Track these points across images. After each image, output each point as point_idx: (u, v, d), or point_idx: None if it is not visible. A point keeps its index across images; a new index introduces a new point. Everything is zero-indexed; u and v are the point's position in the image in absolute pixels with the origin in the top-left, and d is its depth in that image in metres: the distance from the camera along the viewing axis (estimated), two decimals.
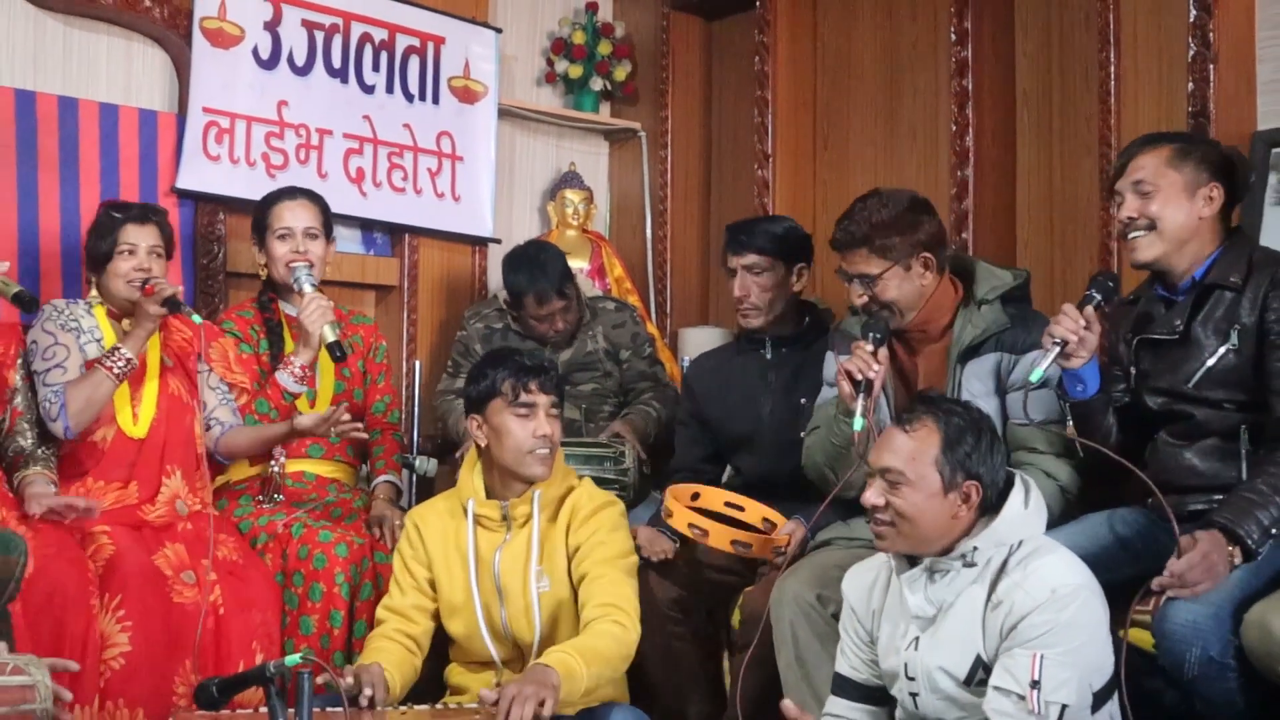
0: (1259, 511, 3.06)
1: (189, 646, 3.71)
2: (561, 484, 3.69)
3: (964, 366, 3.63)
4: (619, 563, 3.58)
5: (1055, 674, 2.70)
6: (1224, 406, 3.32)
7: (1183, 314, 3.37)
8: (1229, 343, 3.29)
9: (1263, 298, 3.25)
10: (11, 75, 4.69)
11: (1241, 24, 4.29)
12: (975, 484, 2.85)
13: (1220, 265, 3.35)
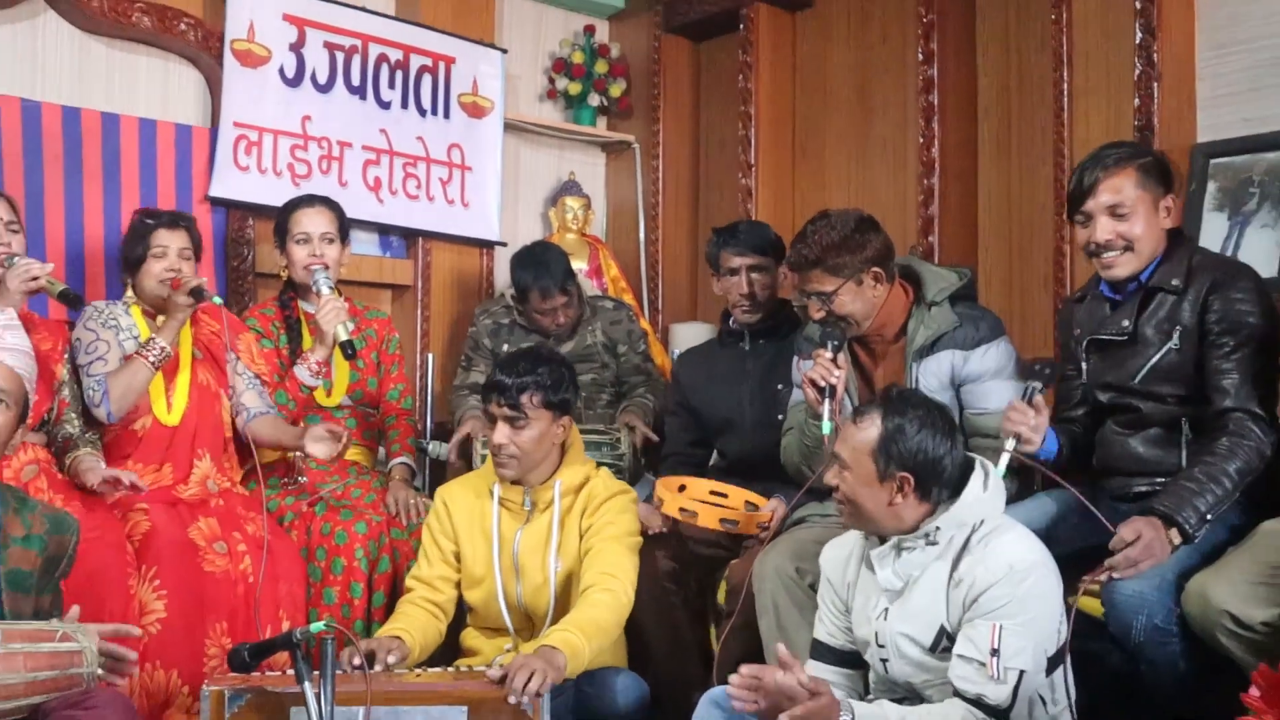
0: (1196, 499, 3.07)
1: (221, 612, 3.74)
2: (580, 473, 3.72)
3: (920, 365, 3.63)
4: (623, 539, 3.61)
5: (1013, 642, 2.70)
6: (1167, 400, 3.33)
7: (1129, 315, 3.37)
8: (1171, 342, 3.30)
9: (1202, 301, 3.25)
10: (59, 93, 4.70)
11: (1183, 46, 4.30)
12: (908, 476, 2.83)
13: (1163, 269, 3.34)
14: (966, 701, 2.72)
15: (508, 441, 3.58)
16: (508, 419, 3.57)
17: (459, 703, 3.13)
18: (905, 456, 2.83)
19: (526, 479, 3.66)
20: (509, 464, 3.62)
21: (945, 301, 3.66)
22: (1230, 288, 3.25)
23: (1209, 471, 3.11)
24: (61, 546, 3.10)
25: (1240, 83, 4.22)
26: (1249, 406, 3.16)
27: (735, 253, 4.31)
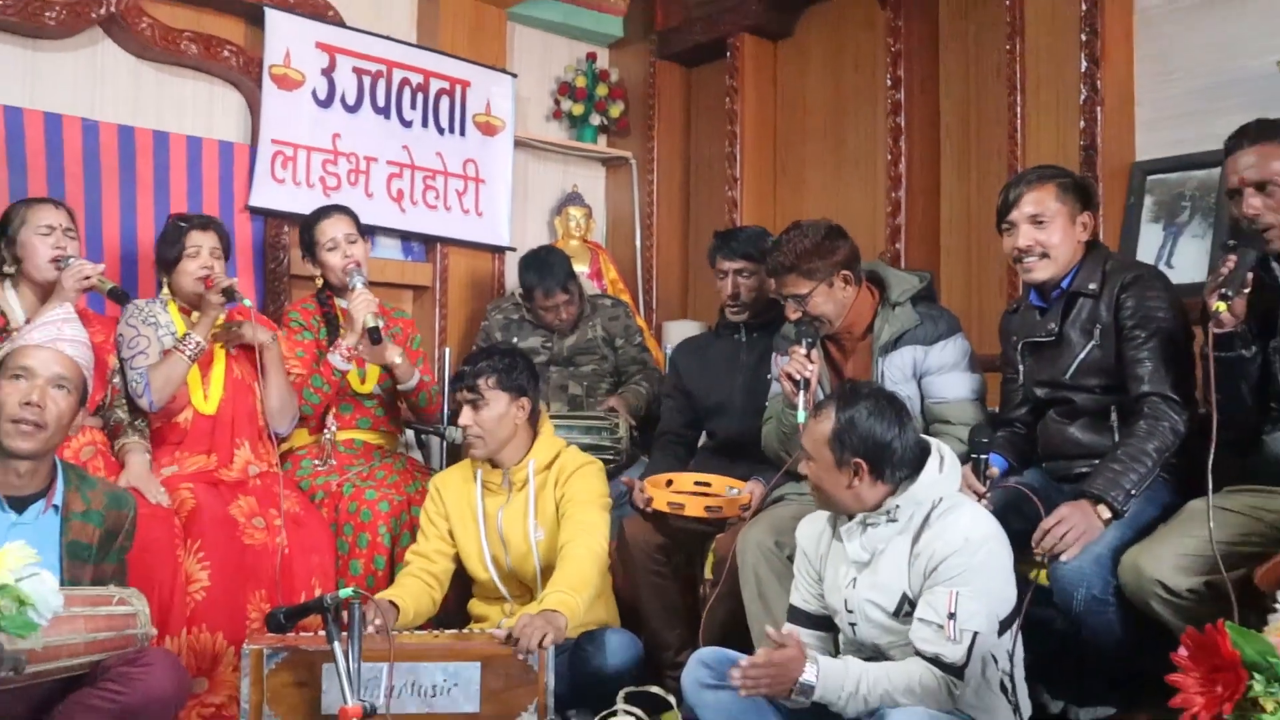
0: (1121, 479, 3.09)
1: (259, 580, 3.76)
2: (550, 451, 3.75)
3: (885, 359, 3.63)
4: (594, 500, 3.66)
5: (968, 607, 2.72)
6: (1095, 391, 3.35)
7: (1055, 319, 3.40)
8: (1093, 340, 3.33)
9: (1116, 300, 3.29)
10: (115, 113, 4.71)
11: (1123, 74, 4.31)
12: (861, 462, 2.85)
13: (1081, 275, 3.38)
14: (926, 660, 2.74)
15: (471, 423, 3.64)
16: (469, 401, 3.64)
17: (473, 659, 3.16)
18: (857, 444, 2.85)
19: (501, 461, 3.70)
20: (476, 443, 3.67)
21: (908, 302, 3.67)
22: (1139, 287, 3.29)
23: (1130, 452, 3.13)
24: (119, 521, 3.11)
25: (1174, 108, 4.23)
26: (1163, 390, 3.18)
27: (725, 257, 4.32)
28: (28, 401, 2.88)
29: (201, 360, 3.99)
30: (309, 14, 5.06)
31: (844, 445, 2.85)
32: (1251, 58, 4.02)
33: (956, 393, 3.59)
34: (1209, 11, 4.17)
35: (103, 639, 2.77)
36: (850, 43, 5.35)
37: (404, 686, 3.12)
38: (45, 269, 3.78)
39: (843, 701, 2.72)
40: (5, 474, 2.93)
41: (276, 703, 3.08)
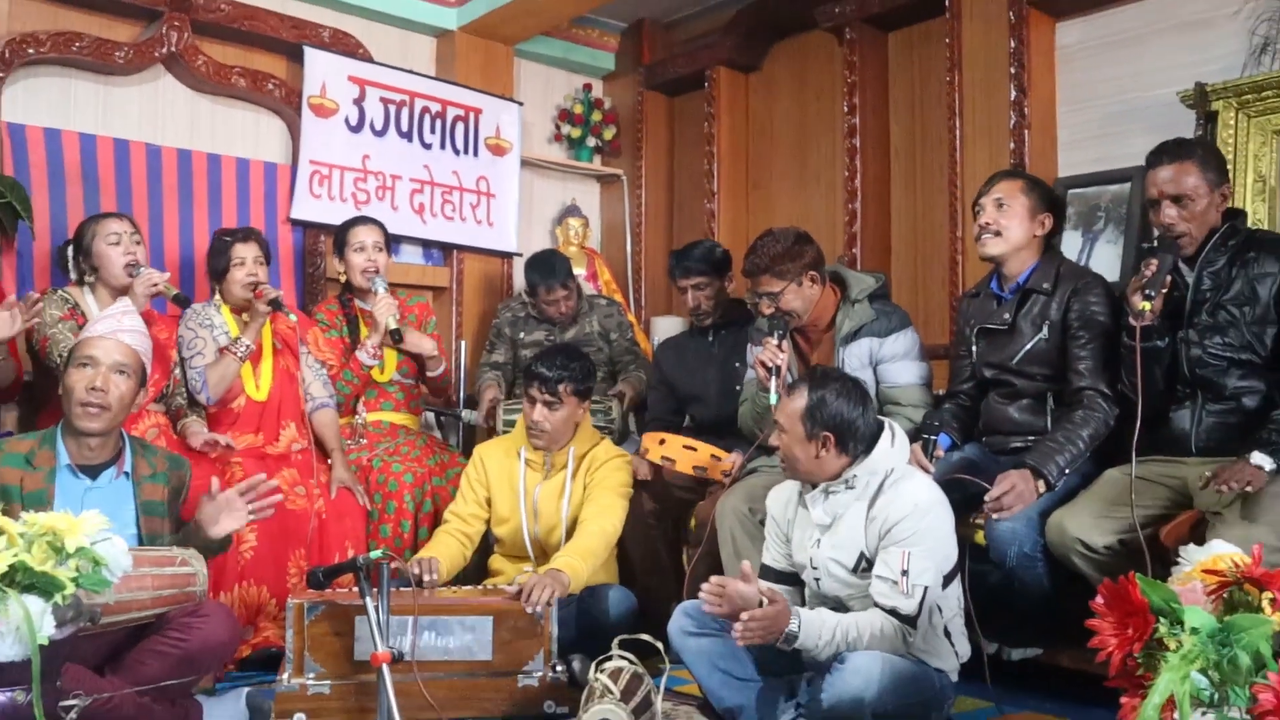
0: (1057, 456, 3.13)
1: (300, 542, 3.78)
2: (589, 442, 3.77)
3: (845, 349, 3.65)
4: (616, 488, 3.68)
5: (918, 564, 2.74)
6: (1036, 378, 3.37)
7: (1010, 310, 3.42)
8: (1041, 333, 3.35)
9: (1066, 302, 3.31)
10: (175, 139, 4.71)
11: (1047, 103, 4.33)
12: (830, 435, 2.86)
13: (1037, 274, 3.40)
14: (884, 611, 2.76)
15: (543, 420, 3.63)
16: (546, 403, 3.63)
17: (486, 613, 3.16)
18: (826, 419, 2.86)
19: (549, 447, 3.71)
20: (542, 437, 3.67)
21: (865, 300, 3.68)
22: (1087, 292, 3.31)
23: (1067, 435, 3.17)
24: (180, 480, 3.13)
25: (1090, 131, 4.25)
26: (1099, 386, 3.21)
27: (682, 274, 4.33)
28: (93, 386, 2.89)
29: (254, 354, 4.01)
30: (342, 51, 5.05)
31: (815, 420, 2.86)
32: (1154, 89, 4.05)
33: (907, 379, 3.61)
34: (1118, 50, 4.19)
35: (167, 595, 2.77)
36: (812, 75, 5.35)
37: (427, 636, 3.12)
38: (119, 274, 3.79)
39: (819, 647, 2.72)
40: (78, 447, 2.94)
41: (316, 649, 3.07)
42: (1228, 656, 1.73)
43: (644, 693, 2.80)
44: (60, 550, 2.20)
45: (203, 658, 2.84)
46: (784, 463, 2.98)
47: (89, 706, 2.55)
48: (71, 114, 4.48)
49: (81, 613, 2.24)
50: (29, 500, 2.75)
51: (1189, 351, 3.07)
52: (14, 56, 4.23)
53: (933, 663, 2.80)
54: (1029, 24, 4.28)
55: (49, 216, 4.29)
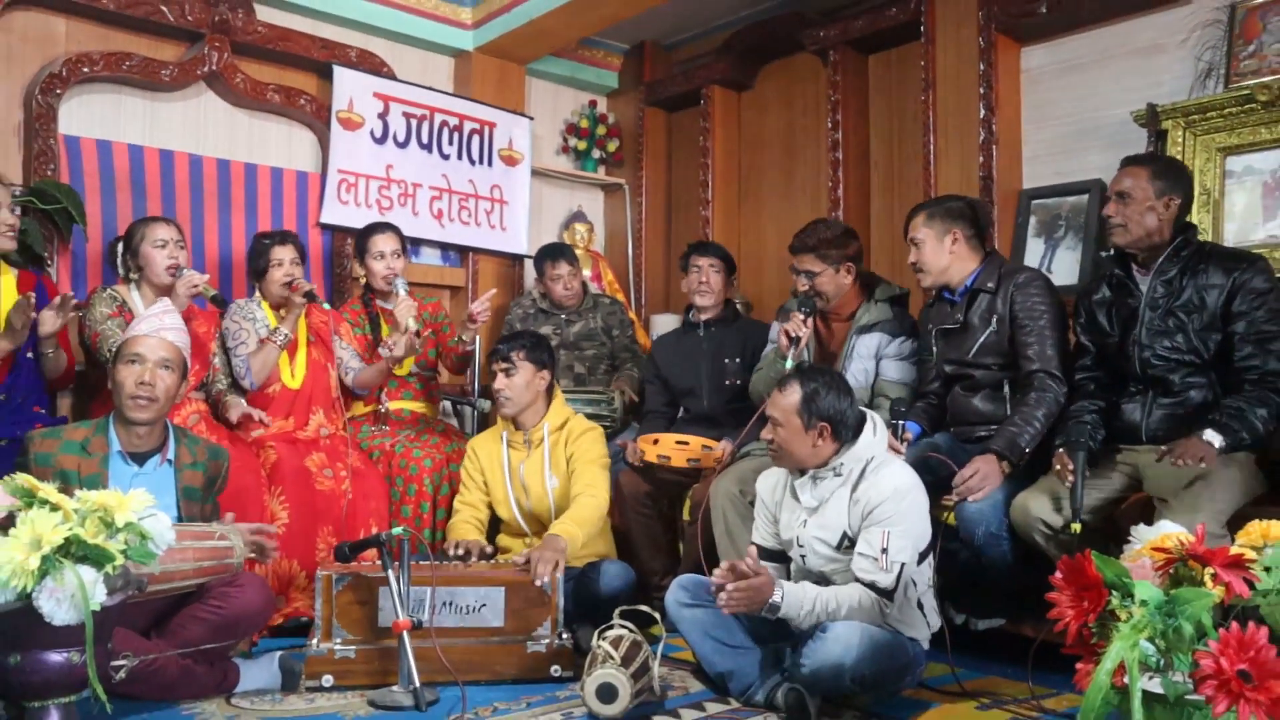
0: (1018, 438, 3.16)
1: (328, 519, 3.79)
2: (561, 417, 3.78)
3: (859, 338, 3.70)
4: (596, 460, 3.68)
5: (896, 543, 2.75)
6: (992, 368, 3.40)
7: (961, 310, 3.47)
8: (990, 328, 3.39)
9: (1010, 298, 3.36)
10: (215, 150, 4.72)
11: (1013, 120, 4.34)
12: (826, 424, 2.88)
13: (982, 277, 3.45)
14: (864, 585, 2.77)
15: (504, 386, 3.68)
16: (503, 370, 3.67)
17: (499, 584, 3.18)
18: (822, 411, 2.87)
19: (523, 423, 3.73)
20: (506, 403, 3.70)
21: (886, 301, 3.76)
22: (1026, 287, 3.36)
23: (1024, 417, 3.20)
24: (218, 469, 3.15)
25: (1053, 146, 4.26)
26: (1049, 369, 3.25)
27: (700, 254, 4.36)
28: (141, 381, 2.91)
29: (290, 346, 4.03)
30: (368, 70, 5.06)
31: (811, 412, 2.87)
32: (1110, 108, 4.06)
33: (900, 377, 3.68)
34: (1078, 73, 4.20)
35: (207, 566, 2.79)
36: (799, 93, 5.36)
37: (444, 605, 3.13)
38: (162, 275, 3.80)
39: (800, 617, 2.74)
40: (128, 436, 2.96)
41: (343, 617, 3.08)
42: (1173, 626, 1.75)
43: (643, 659, 2.81)
44: (110, 525, 2.22)
45: (239, 624, 2.87)
46: (776, 454, 2.97)
47: (136, 667, 2.57)
48: (121, 127, 4.48)
49: (130, 582, 2.25)
50: (85, 483, 2.76)
51: (1140, 352, 3.08)
52: (70, 75, 4.24)
53: (907, 632, 2.82)
54: (997, 49, 4.29)
55: (100, 221, 4.31)
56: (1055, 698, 2.88)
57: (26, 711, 2.25)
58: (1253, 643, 1.64)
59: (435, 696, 2.87)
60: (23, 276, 3.64)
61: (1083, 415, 3.13)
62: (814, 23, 5.09)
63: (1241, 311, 2.94)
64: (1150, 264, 3.10)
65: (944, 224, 3.47)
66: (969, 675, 3.03)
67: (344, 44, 5.01)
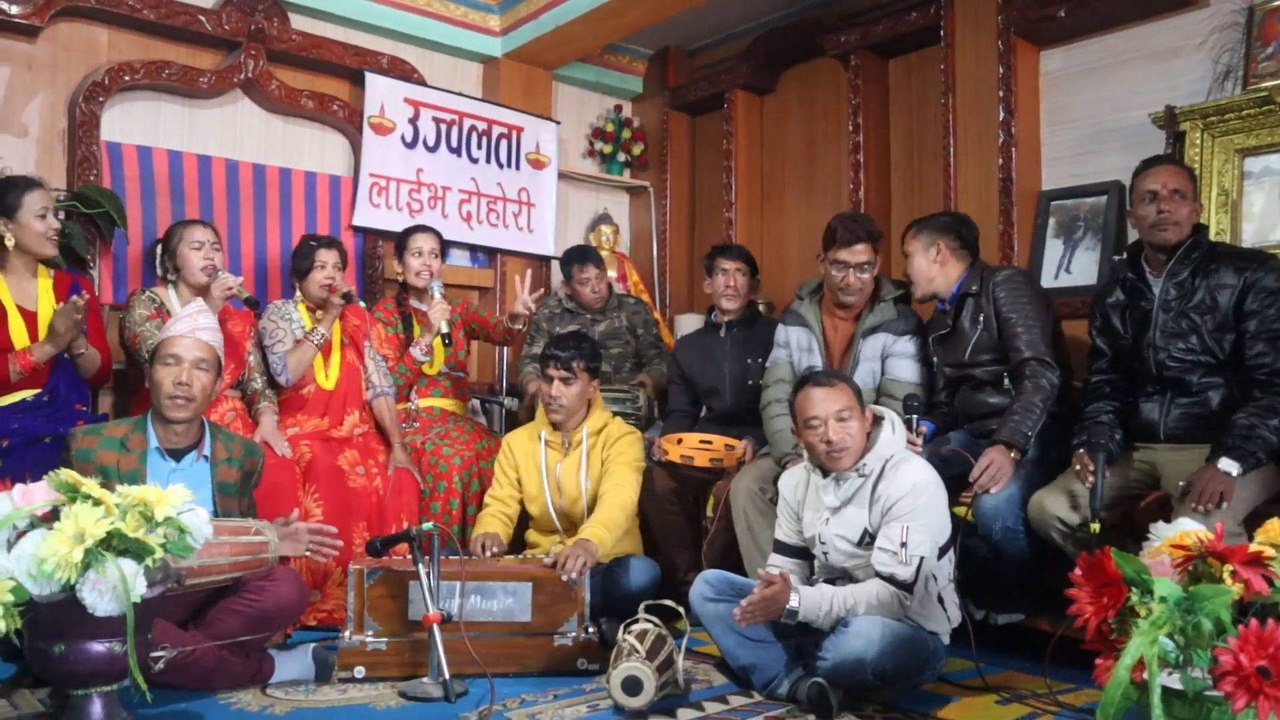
0: (1021, 426, 3.18)
1: (361, 515, 3.80)
2: (601, 420, 3.76)
3: (865, 339, 3.69)
4: (630, 463, 3.67)
5: (916, 537, 2.75)
6: (988, 364, 3.43)
7: (952, 316, 3.51)
8: (980, 327, 3.42)
9: (992, 295, 3.39)
10: (251, 154, 4.75)
11: (1032, 123, 4.31)
12: (871, 413, 2.92)
13: (967, 281, 3.50)
14: (883, 579, 2.77)
15: (560, 394, 3.64)
16: (562, 379, 3.64)
17: (526, 579, 3.18)
18: (863, 402, 2.94)
19: (566, 425, 3.72)
20: (560, 410, 3.67)
21: (891, 301, 3.73)
22: (1007, 283, 3.41)
23: (1023, 405, 3.22)
24: (253, 465, 3.17)
25: (1071, 149, 4.23)
26: (1039, 355, 3.28)
27: (727, 258, 4.34)
28: (179, 381, 2.93)
29: (324, 349, 4.04)
30: (399, 76, 5.07)
31: (861, 403, 2.93)
32: (1128, 111, 4.03)
33: (905, 375, 3.64)
34: (1096, 75, 4.16)
35: (243, 560, 2.81)
36: (820, 97, 5.34)
37: (473, 600, 3.14)
38: (198, 275, 3.82)
39: (820, 618, 2.74)
40: (166, 433, 2.98)
41: (374, 610, 3.09)
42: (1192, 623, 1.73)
43: (667, 652, 2.81)
44: (150, 519, 2.24)
45: (274, 616, 2.88)
46: (844, 454, 2.88)
47: (175, 657, 2.59)
48: (161, 133, 4.52)
49: (169, 575, 2.27)
50: (124, 479, 2.78)
51: (1155, 354, 3.07)
52: (112, 83, 4.28)
53: (927, 626, 2.81)
54: (1015, 52, 4.26)
55: (140, 224, 4.34)
56: (1074, 693, 2.85)
57: (70, 700, 2.28)
58: (1272, 639, 1.63)
59: (464, 688, 2.88)
60: (59, 277, 3.67)
61: (1099, 416, 3.11)
62: (834, 28, 5.07)
63: (1253, 310, 2.92)
64: (1162, 266, 3.07)
65: (930, 236, 3.53)
66: (988, 670, 3.01)
67: (375, 51, 5.03)
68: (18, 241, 3.51)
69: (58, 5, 4.18)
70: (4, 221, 3.50)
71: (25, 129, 4.19)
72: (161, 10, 4.39)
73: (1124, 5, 3.99)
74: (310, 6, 4.85)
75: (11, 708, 2.61)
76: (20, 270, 3.57)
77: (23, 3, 4.10)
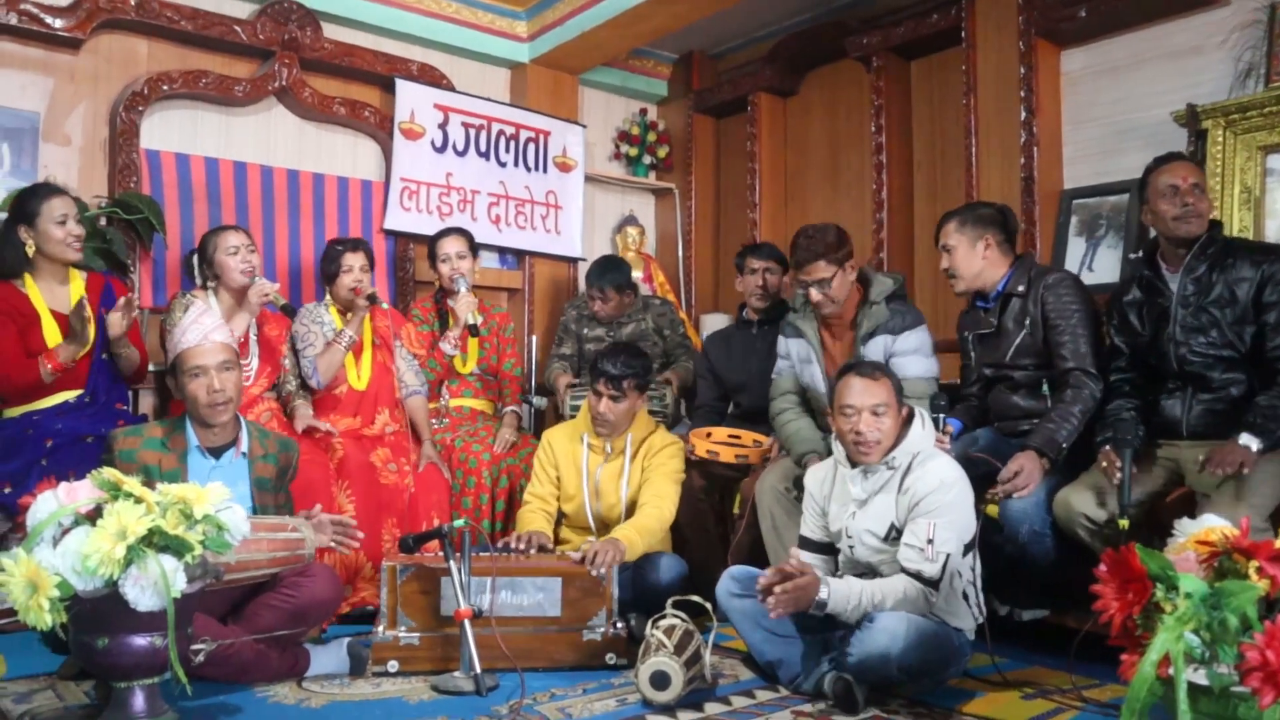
0: (1055, 435, 3.12)
1: (392, 511, 3.82)
2: (646, 430, 3.75)
3: (864, 346, 3.58)
4: (670, 475, 3.65)
5: (942, 534, 2.73)
6: (1028, 368, 3.37)
7: (995, 315, 3.44)
8: (1024, 330, 3.35)
9: (1040, 299, 3.32)
10: (285, 160, 4.79)
11: (1053, 122, 4.28)
12: (907, 408, 2.91)
13: (1013, 280, 3.41)
14: (910, 575, 2.75)
15: (608, 411, 3.63)
16: (612, 397, 3.62)
17: (556, 575, 3.18)
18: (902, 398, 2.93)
19: (609, 434, 3.71)
20: (607, 426, 3.67)
21: (883, 301, 3.61)
22: (1057, 287, 3.32)
23: (1061, 413, 3.17)
24: (288, 460, 3.18)
25: (1093, 147, 4.19)
26: (1083, 366, 3.21)
27: (757, 258, 4.32)
28: (213, 390, 2.95)
29: (355, 349, 4.06)
30: (429, 83, 5.09)
31: (899, 399, 2.91)
32: (1150, 109, 4.00)
33: (915, 372, 3.52)
34: (1117, 74, 4.13)
35: (280, 556, 2.82)
36: (843, 98, 5.32)
37: (503, 595, 3.14)
38: (239, 279, 3.85)
39: (847, 612, 2.72)
40: (204, 432, 3.01)
41: (407, 606, 3.10)
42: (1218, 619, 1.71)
43: (694, 647, 2.81)
44: (190, 517, 2.25)
45: (310, 611, 2.90)
46: (875, 448, 2.87)
47: (214, 651, 2.61)
48: (198, 141, 4.56)
49: (208, 571, 2.29)
50: (165, 477, 2.80)
51: (1176, 350, 3.04)
52: (151, 92, 4.32)
53: (952, 622, 2.79)
54: (1037, 52, 4.23)
55: (179, 229, 4.38)
56: (1098, 688, 2.83)
57: (114, 691, 2.30)
58: None
59: (495, 682, 2.88)
60: (91, 279, 3.71)
61: (1121, 413, 3.08)
62: (857, 30, 5.05)
63: (1272, 301, 2.90)
64: (1179, 262, 3.04)
65: (975, 230, 3.43)
66: (1013, 666, 2.99)
67: (405, 58, 5.05)
68: (39, 248, 3.55)
69: (99, 18, 4.22)
70: (26, 229, 3.53)
71: (68, 138, 4.24)
72: (198, 21, 4.42)
73: (1145, 4, 3.96)
74: (342, 15, 4.88)
75: (58, 699, 2.64)
76: (51, 274, 3.60)
77: (66, 16, 4.15)
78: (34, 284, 3.56)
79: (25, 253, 3.53)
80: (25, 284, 3.55)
